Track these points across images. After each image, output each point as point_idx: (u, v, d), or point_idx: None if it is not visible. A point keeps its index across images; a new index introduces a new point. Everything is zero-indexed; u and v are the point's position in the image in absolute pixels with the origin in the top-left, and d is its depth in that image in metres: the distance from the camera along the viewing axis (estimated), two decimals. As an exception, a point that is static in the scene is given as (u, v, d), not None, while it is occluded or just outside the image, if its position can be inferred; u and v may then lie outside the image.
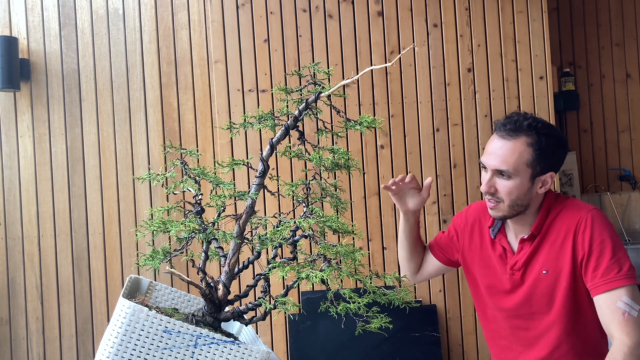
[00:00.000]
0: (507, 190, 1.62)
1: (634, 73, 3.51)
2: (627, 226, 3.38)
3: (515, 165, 1.60)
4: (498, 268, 1.76)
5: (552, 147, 1.64)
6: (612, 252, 1.57)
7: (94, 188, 3.01)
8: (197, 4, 3.05)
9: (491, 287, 1.80)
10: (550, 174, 1.65)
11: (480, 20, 2.84)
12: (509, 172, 1.60)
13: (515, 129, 1.61)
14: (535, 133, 1.61)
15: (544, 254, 1.68)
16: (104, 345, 1.23)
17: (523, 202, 1.64)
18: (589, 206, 1.67)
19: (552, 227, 1.68)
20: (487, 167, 1.64)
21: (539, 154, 1.61)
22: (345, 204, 1.50)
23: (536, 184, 1.64)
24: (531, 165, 1.61)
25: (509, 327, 1.78)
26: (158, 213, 1.35)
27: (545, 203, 1.69)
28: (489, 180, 1.63)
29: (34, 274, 2.99)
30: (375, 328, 1.32)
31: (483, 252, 1.82)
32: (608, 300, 1.54)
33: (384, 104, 2.82)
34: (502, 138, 1.63)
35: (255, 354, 1.24)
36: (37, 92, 3.03)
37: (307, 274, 1.21)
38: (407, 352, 2.69)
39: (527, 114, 1.66)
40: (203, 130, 3.02)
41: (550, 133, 1.63)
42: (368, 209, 2.80)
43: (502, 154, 1.61)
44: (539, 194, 1.66)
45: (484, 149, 1.69)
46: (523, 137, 1.61)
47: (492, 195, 1.64)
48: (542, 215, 1.68)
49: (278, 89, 1.43)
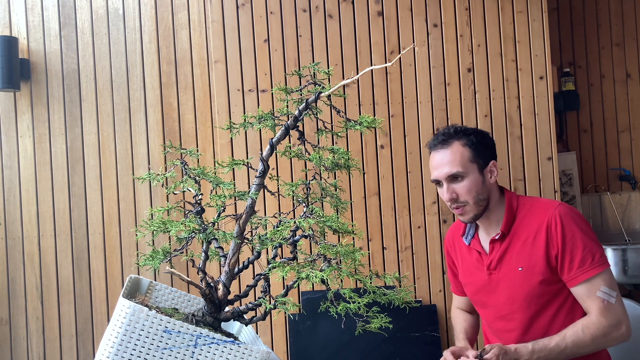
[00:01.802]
0: (466, 190, 1.76)
1: (634, 73, 3.51)
2: (627, 226, 3.38)
3: (462, 165, 1.76)
4: (477, 272, 1.86)
5: (482, 140, 1.82)
6: (584, 244, 1.70)
7: (94, 188, 3.01)
8: (197, 4, 3.05)
9: (477, 293, 1.89)
10: (492, 162, 1.82)
11: (480, 20, 2.84)
12: (461, 172, 1.76)
13: (447, 139, 1.80)
14: (464, 135, 1.80)
15: (516, 251, 1.78)
16: (104, 345, 1.23)
17: (484, 195, 1.78)
18: (555, 202, 1.79)
19: (523, 225, 1.79)
20: (440, 179, 1.79)
21: (475, 149, 1.78)
22: (345, 204, 1.50)
23: (486, 175, 1.80)
24: (474, 160, 1.78)
25: (494, 334, 1.85)
26: (158, 213, 1.35)
27: (507, 201, 1.83)
28: (447, 189, 1.78)
29: (34, 274, 2.99)
30: (375, 328, 1.32)
31: (464, 262, 1.93)
32: (587, 290, 1.68)
33: (384, 104, 2.82)
34: (439, 150, 1.81)
35: (255, 354, 1.24)
36: (37, 92, 3.03)
37: (307, 274, 1.21)
38: (407, 352, 2.69)
39: (449, 126, 1.87)
40: (203, 130, 3.02)
41: (474, 131, 1.83)
42: (368, 209, 2.80)
43: (448, 161, 1.77)
44: (492, 183, 1.81)
45: (430, 169, 1.85)
46: (456, 142, 1.79)
47: (456, 201, 1.78)
48: (508, 213, 1.81)
49: (278, 89, 1.44)
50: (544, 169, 2.80)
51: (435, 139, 1.83)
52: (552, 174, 2.80)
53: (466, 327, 2.00)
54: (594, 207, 3.41)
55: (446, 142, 1.79)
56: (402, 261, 2.78)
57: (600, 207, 3.41)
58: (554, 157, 2.81)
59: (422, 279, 2.77)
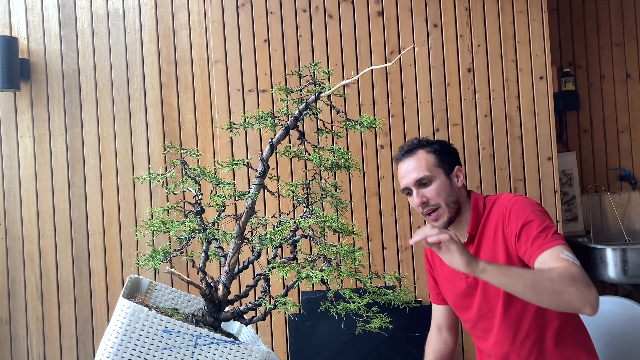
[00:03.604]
0: (435, 193, 1.82)
1: (634, 73, 3.51)
2: (627, 226, 3.38)
3: (428, 169, 1.83)
4: (456, 277, 1.89)
5: (444, 147, 1.90)
6: (539, 222, 1.69)
7: (94, 188, 3.01)
8: (197, 4, 3.05)
9: (457, 299, 1.91)
10: (458, 167, 1.89)
11: (480, 20, 2.84)
12: (428, 177, 1.82)
13: (411, 149, 1.88)
14: (427, 144, 1.89)
15: (484, 251, 1.81)
16: (104, 345, 1.23)
17: (453, 197, 1.84)
18: (511, 195, 1.83)
19: (487, 225, 1.83)
20: (409, 186, 1.85)
21: (439, 155, 1.86)
22: (345, 204, 1.51)
23: (452, 179, 1.86)
24: (440, 165, 1.85)
25: (481, 332, 1.87)
26: (158, 213, 1.35)
27: (472, 203, 1.87)
28: (417, 194, 1.83)
29: (34, 274, 2.99)
30: (375, 328, 1.32)
31: (443, 268, 1.95)
32: (550, 256, 1.59)
33: (384, 104, 2.82)
34: (405, 159, 1.88)
35: (255, 354, 1.24)
36: (37, 92, 3.03)
37: (307, 274, 1.21)
38: (407, 352, 2.69)
39: (413, 139, 1.94)
40: (203, 130, 3.03)
41: (436, 141, 1.93)
42: (368, 209, 2.80)
43: (414, 167, 1.84)
44: (460, 187, 1.87)
45: (399, 180, 1.91)
46: (420, 150, 1.87)
47: (427, 204, 1.83)
48: (474, 215, 1.85)
49: (278, 89, 1.44)
50: (544, 169, 2.80)
51: (400, 151, 1.92)
52: (552, 174, 2.80)
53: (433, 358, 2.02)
54: (594, 207, 3.41)
55: (411, 152, 1.88)
56: (402, 261, 2.78)
57: (600, 207, 3.41)
58: (554, 157, 2.81)
59: (422, 279, 2.77)
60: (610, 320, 2.17)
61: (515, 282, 1.46)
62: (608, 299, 2.23)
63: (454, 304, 1.94)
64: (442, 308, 2.05)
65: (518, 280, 1.46)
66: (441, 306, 2.05)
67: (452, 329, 2.05)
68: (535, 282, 1.46)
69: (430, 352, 2.04)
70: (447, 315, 2.05)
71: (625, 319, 2.15)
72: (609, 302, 2.21)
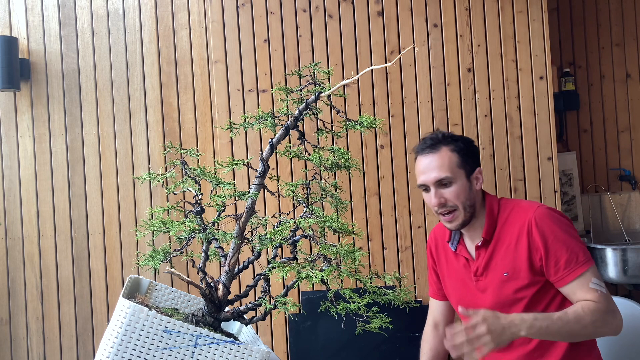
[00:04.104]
0: (454, 195, 1.75)
1: (634, 73, 3.51)
2: (627, 226, 3.38)
3: (450, 170, 1.75)
4: (465, 278, 1.86)
5: (468, 147, 1.82)
6: (567, 244, 1.68)
7: (94, 188, 3.01)
8: (197, 4, 3.05)
9: (463, 299, 1.88)
10: (478, 169, 1.82)
11: (480, 20, 2.84)
12: (449, 178, 1.75)
13: (435, 144, 1.79)
14: (452, 141, 1.80)
15: (500, 257, 1.78)
16: (104, 345, 1.23)
17: (471, 201, 1.78)
18: (534, 204, 1.78)
19: (504, 231, 1.78)
20: (427, 184, 1.78)
21: (462, 155, 1.78)
22: (345, 204, 1.51)
23: (472, 182, 1.79)
24: (462, 166, 1.77)
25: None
26: (158, 213, 1.35)
27: (488, 206, 1.82)
28: (436, 193, 1.76)
29: (34, 274, 2.99)
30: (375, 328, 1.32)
31: (449, 267, 1.93)
32: (579, 285, 1.66)
33: (384, 104, 2.82)
34: (427, 155, 1.79)
35: (255, 354, 1.24)
36: (37, 92, 3.03)
37: (307, 274, 1.21)
38: (407, 352, 2.69)
39: (436, 132, 1.86)
40: (203, 130, 3.03)
41: (461, 137, 1.83)
42: (368, 209, 2.80)
43: (436, 165, 1.76)
44: (477, 190, 1.81)
45: (416, 174, 1.83)
46: (444, 147, 1.78)
47: (444, 205, 1.76)
48: (489, 219, 1.80)
49: (278, 89, 1.44)
50: (544, 169, 2.80)
51: (423, 143, 1.82)
52: (552, 174, 2.80)
53: (429, 357, 2.00)
54: (594, 207, 3.41)
55: (434, 147, 1.78)
56: (402, 261, 2.78)
57: (600, 207, 3.41)
58: (554, 157, 2.81)
59: (422, 279, 2.77)
60: (610, 320, 2.16)
61: (554, 334, 1.58)
62: (608, 299, 2.23)
63: (456, 304, 1.92)
64: (441, 304, 2.03)
65: (555, 331, 1.57)
66: (441, 302, 2.03)
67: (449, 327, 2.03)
68: (571, 329, 1.58)
69: (428, 351, 2.02)
70: (445, 311, 2.03)
71: (625, 319, 2.15)
72: (609, 302, 2.21)
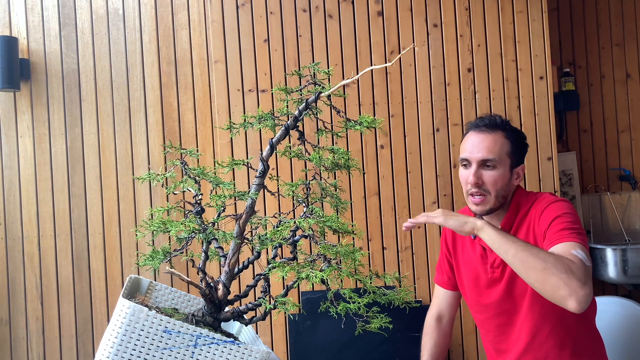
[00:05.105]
0: (492, 180, 1.71)
1: (634, 73, 3.51)
2: (627, 226, 3.38)
3: (499, 154, 1.72)
4: (480, 268, 1.84)
5: (521, 141, 1.80)
6: (570, 221, 1.61)
7: (94, 188, 3.01)
8: (197, 4, 3.05)
9: (474, 290, 1.87)
10: (522, 166, 1.80)
11: (480, 20, 2.84)
12: (495, 161, 1.71)
13: (492, 125, 1.76)
14: (509, 129, 1.77)
15: None
16: (104, 345, 1.23)
17: (505, 192, 1.75)
18: (551, 197, 1.74)
19: (523, 223, 1.75)
20: (471, 160, 1.74)
21: (514, 146, 1.75)
22: (345, 204, 1.50)
23: (513, 175, 1.76)
24: (510, 156, 1.74)
25: (495, 327, 1.83)
26: (158, 213, 1.35)
27: (514, 199, 1.78)
28: (475, 172, 1.72)
29: (34, 274, 2.98)
30: (375, 328, 1.32)
31: (464, 255, 1.90)
32: (564, 247, 1.53)
33: (384, 104, 2.82)
34: (481, 132, 1.75)
35: (255, 354, 1.24)
36: (37, 92, 3.03)
37: (307, 274, 1.21)
38: (407, 352, 2.69)
39: (495, 114, 1.83)
40: (203, 130, 3.02)
41: (516, 129, 1.80)
42: (368, 209, 2.80)
43: (487, 146, 1.72)
44: (514, 186, 1.78)
45: (461, 148, 1.79)
46: (500, 131, 1.75)
47: (479, 187, 1.72)
48: (512, 211, 1.77)
49: (278, 89, 1.43)
50: (544, 169, 2.80)
51: (481, 120, 1.78)
52: (552, 174, 2.80)
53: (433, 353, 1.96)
54: (594, 207, 3.41)
55: (491, 128, 1.75)
56: (402, 261, 2.78)
57: (600, 207, 3.41)
58: (554, 157, 2.81)
59: (422, 279, 2.77)
60: (610, 320, 2.17)
61: (508, 247, 1.47)
62: (608, 299, 2.23)
63: (469, 294, 1.89)
64: (449, 294, 1.98)
65: (511, 245, 1.47)
66: (449, 291, 1.98)
67: (451, 320, 1.99)
68: (529, 254, 1.44)
69: (433, 346, 1.96)
70: (452, 301, 1.98)
71: (625, 319, 2.15)
72: (609, 302, 2.21)
